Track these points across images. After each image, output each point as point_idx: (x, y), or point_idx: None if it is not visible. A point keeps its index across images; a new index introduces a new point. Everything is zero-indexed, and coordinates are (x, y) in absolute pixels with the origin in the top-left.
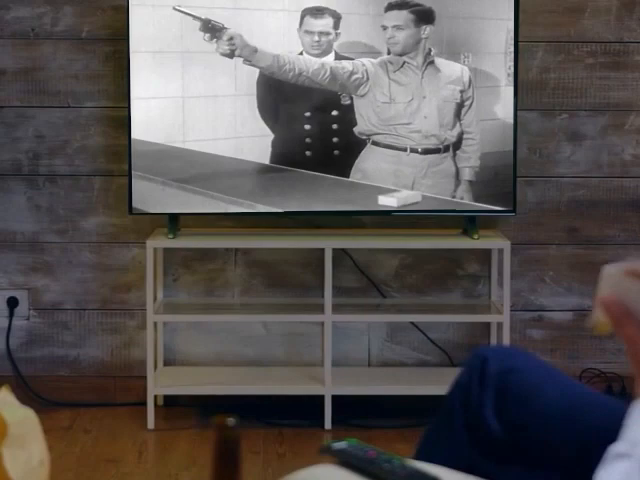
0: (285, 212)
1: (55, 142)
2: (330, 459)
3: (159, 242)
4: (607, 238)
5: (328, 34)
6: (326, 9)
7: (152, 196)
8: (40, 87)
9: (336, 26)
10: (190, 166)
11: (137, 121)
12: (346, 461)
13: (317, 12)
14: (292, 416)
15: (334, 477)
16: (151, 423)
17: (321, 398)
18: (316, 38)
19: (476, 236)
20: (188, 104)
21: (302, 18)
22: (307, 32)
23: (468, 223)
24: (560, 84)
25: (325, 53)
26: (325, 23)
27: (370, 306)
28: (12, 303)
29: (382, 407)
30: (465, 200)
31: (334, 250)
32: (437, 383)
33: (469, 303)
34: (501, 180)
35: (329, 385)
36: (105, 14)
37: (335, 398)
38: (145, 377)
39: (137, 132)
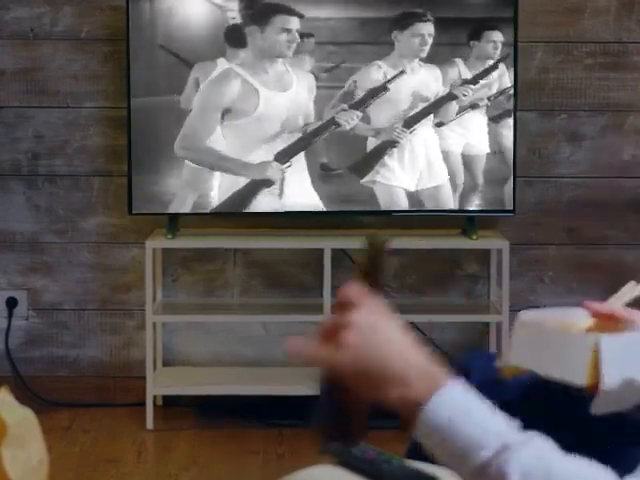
0: (285, 212)
1: (54, 142)
2: (330, 459)
3: (158, 242)
4: (606, 238)
5: None
6: None
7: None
8: (39, 87)
9: None
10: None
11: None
12: (345, 461)
13: None
14: (292, 416)
15: (334, 477)
16: (150, 423)
17: None
18: None
19: (475, 236)
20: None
21: None
22: None
23: (467, 223)
24: (559, 84)
25: None
26: None
27: None
28: (11, 303)
29: (381, 407)
30: (464, 200)
31: (333, 250)
32: None
33: (468, 303)
34: (500, 180)
35: None
36: (104, 14)
37: None
38: (144, 377)
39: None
